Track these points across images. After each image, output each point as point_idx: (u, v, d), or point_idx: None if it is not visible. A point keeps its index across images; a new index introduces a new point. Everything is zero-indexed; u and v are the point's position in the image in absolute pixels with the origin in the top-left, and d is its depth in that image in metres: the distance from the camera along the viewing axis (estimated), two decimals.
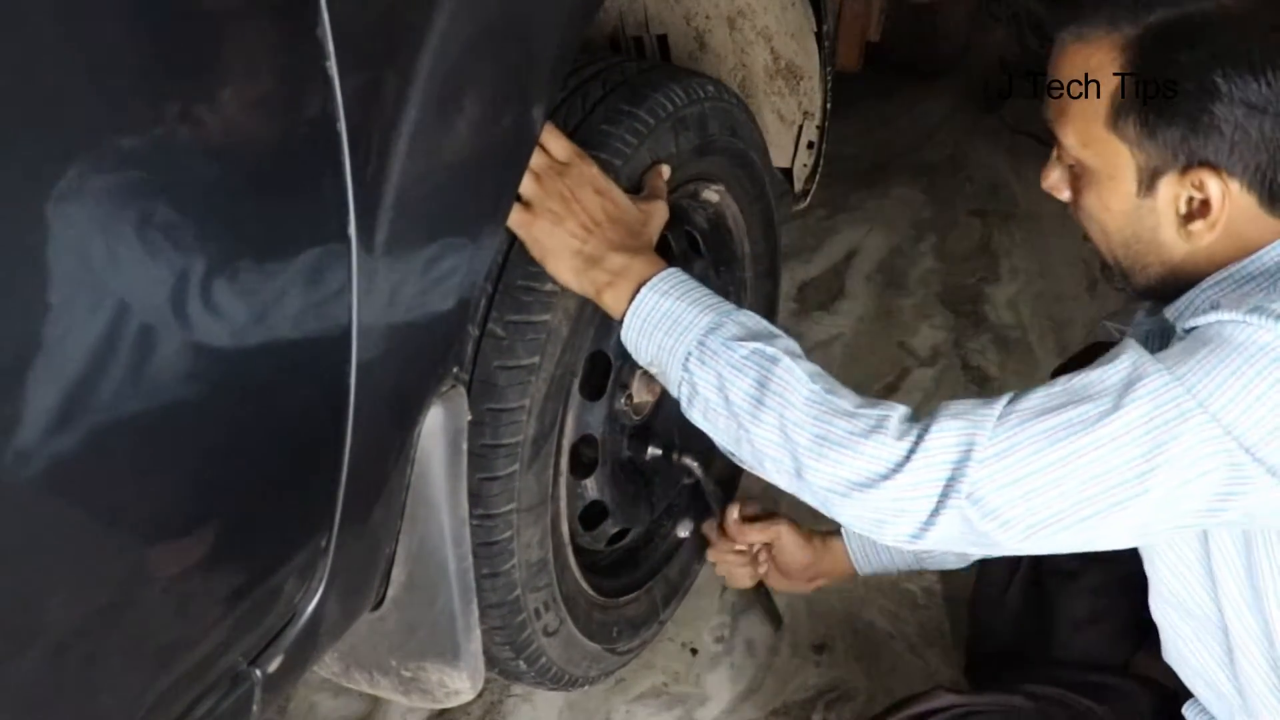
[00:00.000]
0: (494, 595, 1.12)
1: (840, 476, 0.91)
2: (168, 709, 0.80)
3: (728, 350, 0.96)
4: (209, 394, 0.71)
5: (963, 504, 0.87)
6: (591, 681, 1.36)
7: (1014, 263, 2.61)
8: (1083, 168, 0.98)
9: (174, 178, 0.63)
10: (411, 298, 0.86)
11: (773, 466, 0.96)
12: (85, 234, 0.59)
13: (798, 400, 0.93)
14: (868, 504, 0.91)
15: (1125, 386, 0.86)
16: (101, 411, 0.63)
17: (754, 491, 1.53)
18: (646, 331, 0.99)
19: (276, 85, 0.68)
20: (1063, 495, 0.86)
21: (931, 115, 3.29)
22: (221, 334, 0.69)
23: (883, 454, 0.90)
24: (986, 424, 0.88)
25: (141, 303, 0.63)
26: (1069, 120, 0.97)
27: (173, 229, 0.64)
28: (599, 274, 1.00)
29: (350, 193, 0.74)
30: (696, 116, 1.22)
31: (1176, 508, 0.86)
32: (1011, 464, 0.86)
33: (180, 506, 0.73)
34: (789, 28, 1.48)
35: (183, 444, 0.70)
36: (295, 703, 1.50)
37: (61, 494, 0.63)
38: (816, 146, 1.61)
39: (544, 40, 0.94)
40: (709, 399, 0.97)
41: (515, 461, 1.07)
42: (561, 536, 1.22)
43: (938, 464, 0.88)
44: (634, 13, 1.49)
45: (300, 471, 0.83)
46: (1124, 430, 0.85)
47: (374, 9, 0.74)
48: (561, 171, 1.01)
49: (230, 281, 0.68)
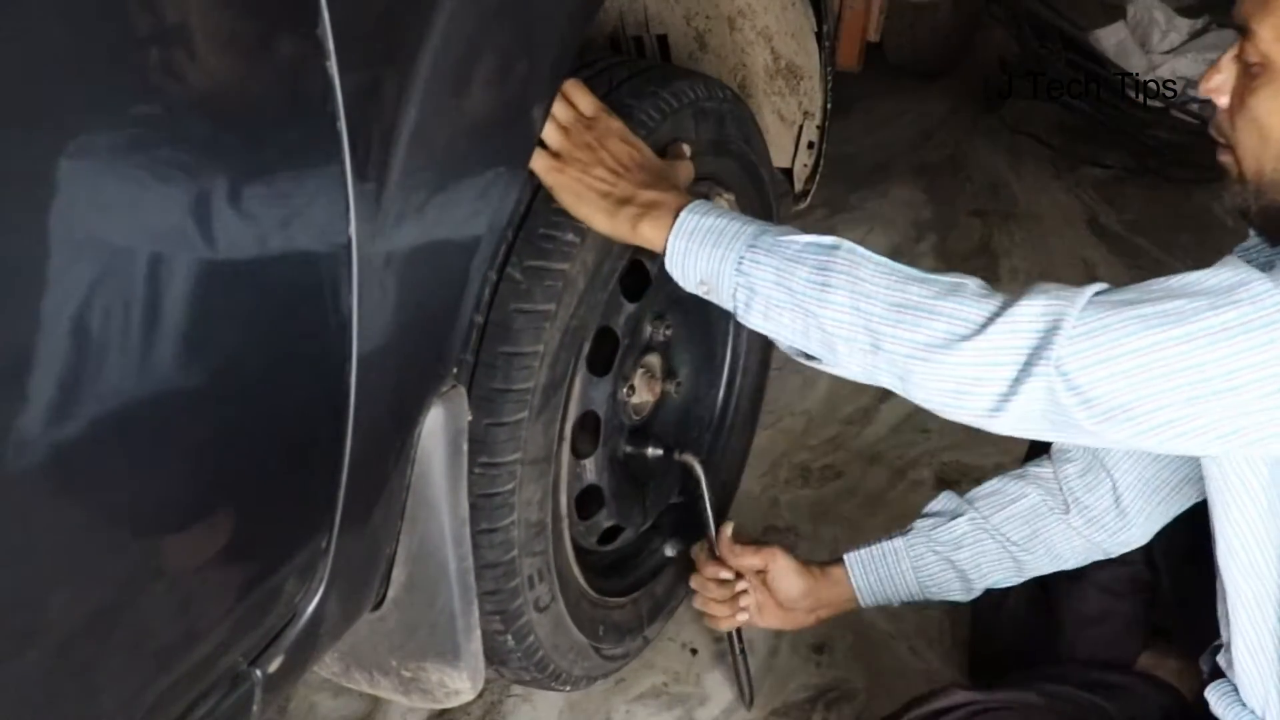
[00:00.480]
0: (491, 554, 1.11)
1: (920, 341, 0.89)
2: (168, 709, 0.80)
3: (782, 246, 0.95)
4: (208, 394, 0.71)
5: (1050, 372, 0.85)
6: (575, 681, 1.35)
7: (1014, 263, 2.61)
8: (1266, 65, 0.92)
9: (174, 178, 0.63)
10: (411, 298, 0.86)
11: (845, 347, 0.93)
12: (85, 235, 0.59)
13: (866, 274, 0.92)
14: (948, 369, 0.89)
15: (1227, 290, 0.85)
16: (102, 411, 0.63)
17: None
18: (692, 251, 0.98)
19: (276, 85, 0.68)
20: (1151, 380, 0.85)
21: (931, 115, 3.29)
22: (221, 334, 0.69)
23: (965, 313, 0.88)
24: (1078, 301, 0.87)
25: (141, 303, 0.63)
26: (1271, 11, 0.90)
27: (172, 229, 0.64)
28: (631, 209, 1.00)
29: (350, 193, 0.74)
30: (715, 113, 1.24)
31: (1265, 415, 0.85)
32: (1101, 343, 0.85)
33: (180, 507, 0.73)
34: (789, 28, 1.48)
35: (183, 444, 0.70)
36: (295, 703, 1.50)
37: (61, 494, 0.63)
38: (816, 146, 1.61)
39: (545, 40, 0.94)
40: (770, 295, 0.95)
41: (524, 409, 1.07)
42: (560, 507, 1.22)
43: (1025, 331, 0.86)
44: (634, 12, 1.50)
45: (300, 472, 0.83)
46: (1221, 327, 0.83)
47: (374, 9, 0.74)
48: (588, 124, 1.02)
49: (230, 282, 0.68)
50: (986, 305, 0.88)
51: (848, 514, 1.87)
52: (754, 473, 1.89)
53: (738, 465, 1.66)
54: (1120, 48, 3.28)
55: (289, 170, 0.71)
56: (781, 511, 1.87)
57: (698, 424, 1.54)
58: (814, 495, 1.92)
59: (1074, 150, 3.07)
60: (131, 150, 0.61)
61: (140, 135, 0.61)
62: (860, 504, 1.90)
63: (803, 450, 2.01)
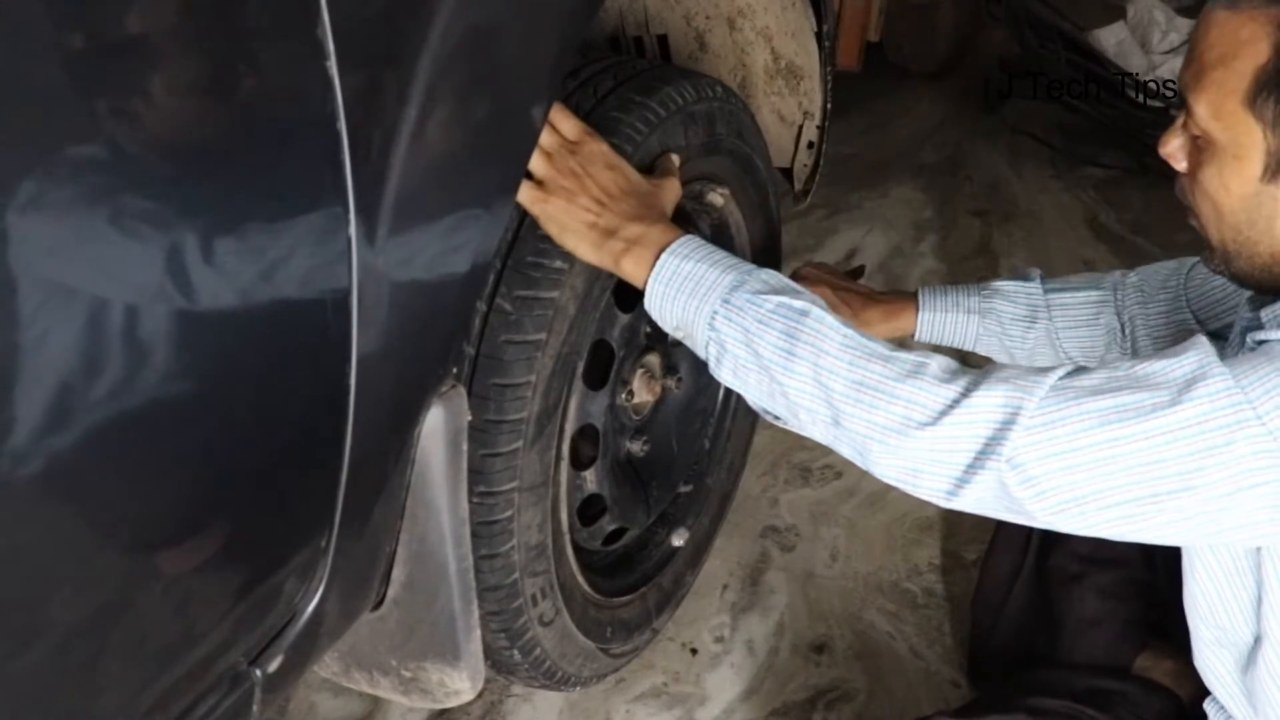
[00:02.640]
0: (492, 578, 1.11)
1: (878, 422, 0.89)
2: (168, 709, 0.80)
3: (754, 305, 0.95)
4: (208, 394, 0.71)
5: (1001, 467, 0.86)
6: (584, 682, 1.36)
7: (1014, 263, 2.62)
8: (1208, 140, 0.93)
9: (173, 178, 0.63)
10: (411, 298, 0.86)
11: (808, 418, 0.94)
12: (84, 235, 0.59)
13: (831, 347, 0.92)
14: (905, 452, 0.89)
15: (1187, 384, 0.84)
16: (103, 412, 0.63)
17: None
18: (670, 296, 0.98)
19: (276, 85, 0.68)
20: (1105, 476, 0.84)
21: (931, 115, 3.30)
22: (221, 333, 0.69)
23: (922, 399, 0.88)
24: (1036, 392, 0.86)
25: (142, 305, 0.63)
26: (1204, 89, 0.91)
27: (172, 230, 0.64)
28: (616, 244, 1.00)
29: (350, 193, 0.74)
30: (705, 114, 1.23)
31: (1223, 515, 0.85)
32: (1057, 435, 0.85)
33: (180, 506, 0.73)
34: (789, 28, 1.48)
35: (183, 444, 0.70)
36: (295, 703, 1.50)
37: (61, 494, 0.63)
38: (816, 146, 1.61)
39: (545, 40, 0.94)
40: (738, 355, 0.95)
41: (519, 438, 1.07)
42: (560, 524, 1.22)
43: (981, 421, 0.87)
44: (634, 13, 1.49)
45: (300, 471, 0.83)
46: (1178, 425, 0.83)
47: (374, 9, 0.74)
48: (573, 150, 1.01)
49: (231, 282, 0.68)
50: (945, 392, 0.88)
51: (848, 514, 1.88)
52: (754, 473, 1.89)
53: (738, 462, 1.66)
54: (1120, 48, 3.28)
55: (289, 171, 0.71)
56: (781, 511, 1.88)
57: (699, 416, 1.54)
58: (814, 495, 1.92)
59: (1074, 150, 3.08)
60: (130, 150, 0.60)
61: (140, 135, 0.61)
62: (860, 504, 1.90)
63: (803, 450, 2.01)
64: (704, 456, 1.57)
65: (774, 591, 1.72)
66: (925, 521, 1.86)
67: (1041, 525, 0.90)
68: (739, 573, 1.75)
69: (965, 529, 1.83)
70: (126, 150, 0.60)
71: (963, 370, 0.91)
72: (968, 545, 1.80)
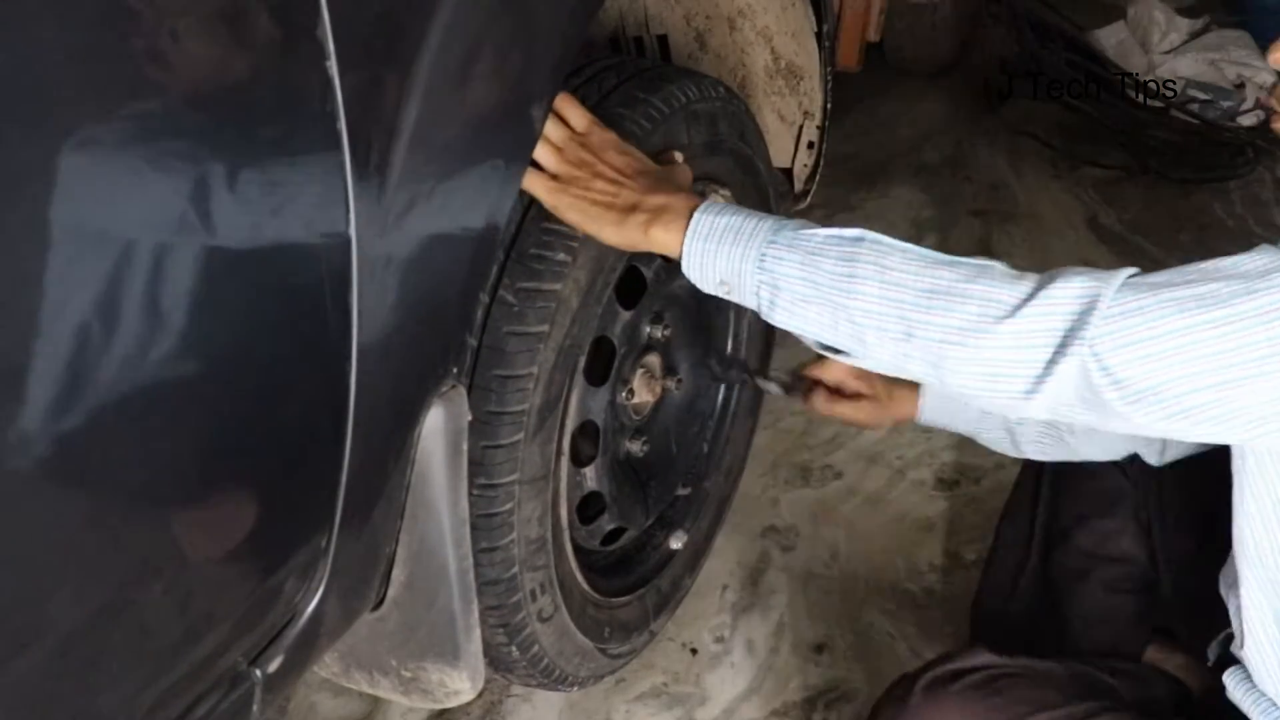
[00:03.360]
0: (491, 571, 1.11)
1: (954, 325, 0.88)
2: (168, 709, 0.80)
3: (803, 240, 0.94)
4: (209, 393, 0.71)
5: (1084, 353, 0.85)
6: (582, 682, 1.35)
7: (1014, 263, 2.60)
8: None
9: (174, 178, 0.63)
10: (412, 297, 0.86)
11: (876, 337, 0.93)
12: (85, 232, 0.59)
13: (893, 262, 0.91)
14: (985, 352, 0.88)
15: (1262, 274, 0.84)
16: (102, 410, 0.63)
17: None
18: (710, 250, 0.96)
19: (276, 85, 0.68)
20: (1183, 363, 0.84)
21: (931, 115, 3.29)
22: (222, 333, 0.69)
23: (997, 295, 0.88)
24: (1112, 282, 0.86)
25: (142, 302, 0.63)
26: None
27: (172, 229, 0.64)
28: (640, 216, 0.98)
29: (350, 193, 0.74)
30: (707, 114, 1.23)
31: None
32: (1135, 324, 0.84)
33: (180, 506, 0.73)
34: (789, 28, 1.48)
35: (183, 443, 0.70)
36: (295, 703, 1.50)
37: (61, 493, 0.63)
38: (816, 146, 1.61)
39: (545, 40, 0.94)
40: (794, 290, 0.94)
41: (520, 430, 1.07)
42: (560, 520, 1.22)
43: (1060, 313, 0.86)
44: (634, 13, 1.49)
45: (300, 471, 0.83)
46: (1256, 311, 0.83)
47: (374, 9, 0.74)
48: (581, 140, 1.01)
49: (231, 282, 0.68)
50: (1019, 287, 0.88)
51: (848, 514, 1.88)
52: (754, 473, 1.89)
53: (737, 467, 1.66)
54: (1120, 48, 3.28)
55: (289, 170, 0.71)
56: (781, 511, 1.88)
57: (699, 419, 1.54)
58: (814, 495, 1.92)
59: (1074, 150, 3.07)
60: (132, 149, 0.60)
61: (141, 134, 0.61)
62: (860, 504, 1.90)
63: (803, 450, 2.01)
64: (703, 460, 1.57)
65: (774, 591, 1.72)
66: (925, 521, 1.86)
67: (1118, 416, 0.89)
68: (739, 573, 1.75)
69: (965, 529, 1.83)
70: (126, 149, 0.60)
71: (1027, 272, 0.91)
72: (968, 545, 1.80)
